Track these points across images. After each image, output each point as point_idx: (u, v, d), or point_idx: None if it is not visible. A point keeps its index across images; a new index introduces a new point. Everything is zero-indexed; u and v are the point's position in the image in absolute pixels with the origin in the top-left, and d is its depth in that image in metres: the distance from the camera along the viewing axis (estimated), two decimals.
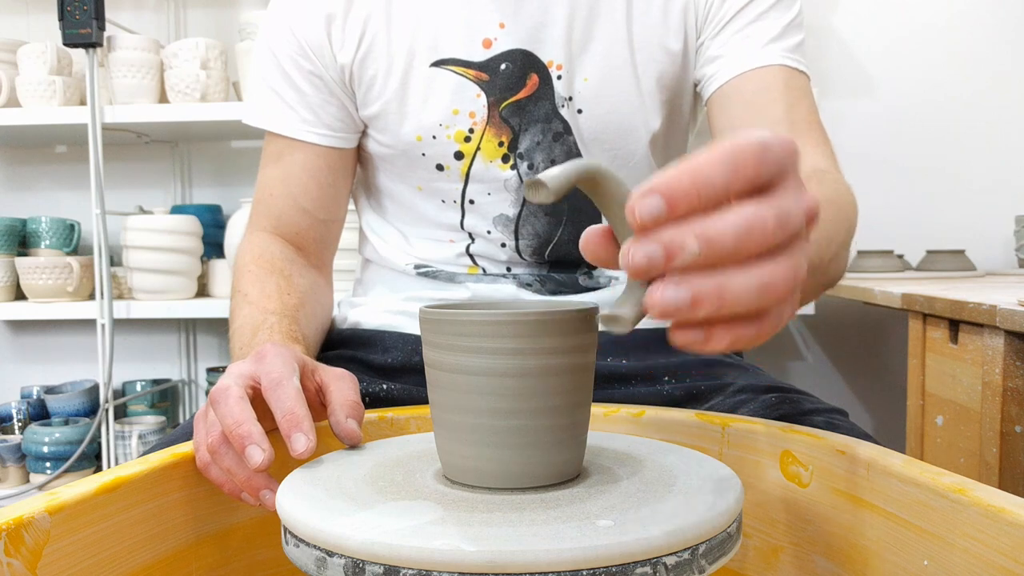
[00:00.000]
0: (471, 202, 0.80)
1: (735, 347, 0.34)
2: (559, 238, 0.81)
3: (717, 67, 0.76)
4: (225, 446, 0.49)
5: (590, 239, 0.37)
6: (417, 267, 0.84)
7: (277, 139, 0.82)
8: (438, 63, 0.77)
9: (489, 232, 0.81)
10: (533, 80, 0.77)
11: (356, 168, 0.88)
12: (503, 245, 0.81)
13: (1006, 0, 1.86)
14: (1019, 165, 1.87)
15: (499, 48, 0.76)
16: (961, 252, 1.71)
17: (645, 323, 0.83)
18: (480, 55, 0.77)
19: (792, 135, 0.73)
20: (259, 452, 0.46)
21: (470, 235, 0.82)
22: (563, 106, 0.77)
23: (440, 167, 0.79)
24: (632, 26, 0.77)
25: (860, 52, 1.89)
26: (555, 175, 0.34)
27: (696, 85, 0.81)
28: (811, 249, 0.36)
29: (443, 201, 0.81)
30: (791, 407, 0.66)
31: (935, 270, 1.70)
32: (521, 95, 0.77)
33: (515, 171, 0.79)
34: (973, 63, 1.87)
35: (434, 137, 0.78)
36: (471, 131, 0.78)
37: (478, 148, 0.78)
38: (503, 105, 0.77)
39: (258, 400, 0.51)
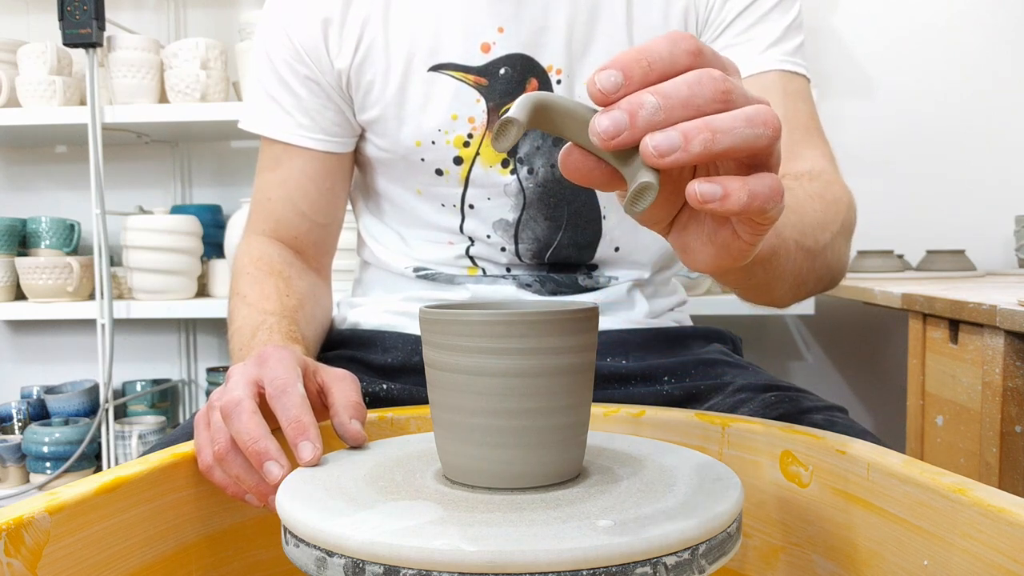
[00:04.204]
0: (471, 207, 0.80)
1: (755, 204, 0.35)
2: (559, 242, 0.80)
3: None
4: (233, 454, 0.49)
5: (566, 157, 0.37)
6: (416, 270, 0.84)
7: (274, 144, 0.82)
8: (436, 68, 0.77)
9: (489, 236, 0.81)
10: (533, 85, 0.76)
11: (353, 171, 0.88)
12: (503, 249, 0.81)
13: (1006, 1, 1.86)
14: (1019, 165, 1.87)
15: (498, 52, 0.76)
16: (961, 252, 1.71)
17: (645, 323, 0.84)
18: (479, 59, 0.76)
19: (790, 139, 0.73)
20: (277, 468, 0.47)
21: (470, 238, 0.82)
22: None
23: (439, 172, 0.79)
24: (633, 29, 0.76)
25: (860, 52, 1.89)
26: (515, 107, 0.35)
27: None
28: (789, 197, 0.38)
29: (442, 205, 0.81)
30: (790, 405, 0.66)
31: (935, 270, 1.70)
32: None
33: (515, 176, 0.78)
34: (973, 63, 1.87)
35: (433, 142, 0.78)
36: (470, 136, 0.77)
37: (477, 153, 0.78)
38: (503, 110, 0.77)
39: (262, 405, 0.51)
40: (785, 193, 0.37)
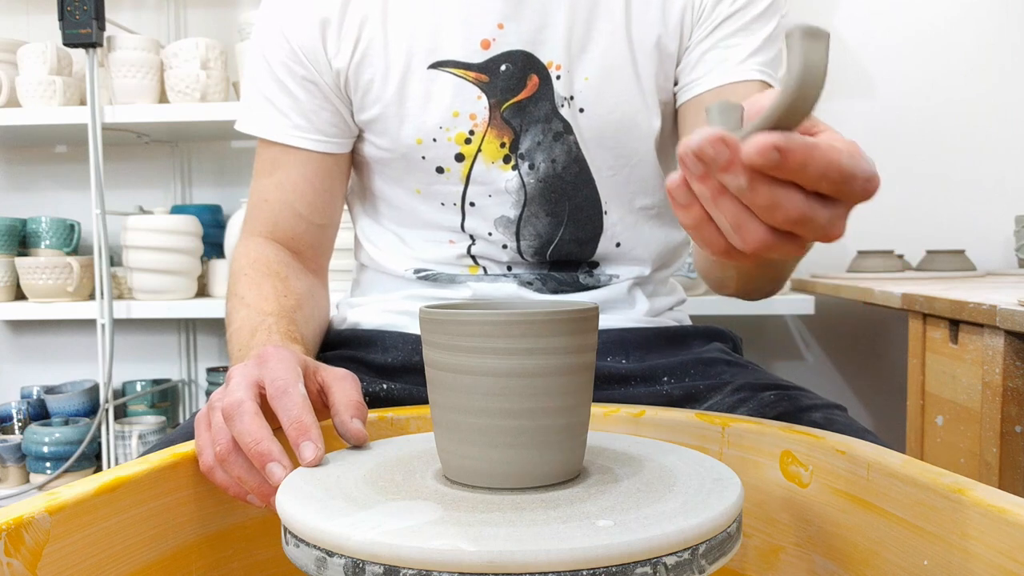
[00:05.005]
0: (472, 204, 0.80)
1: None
2: (560, 238, 0.80)
3: (697, 74, 0.77)
4: (235, 455, 0.49)
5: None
6: (417, 271, 0.84)
7: (271, 146, 0.82)
8: (436, 65, 0.77)
9: (490, 234, 0.81)
10: (533, 81, 0.77)
11: (351, 171, 0.87)
12: (504, 247, 0.81)
13: (1006, 1, 1.86)
14: (1019, 165, 1.87)
15: (498, 49, 0.76)
16: (961, 252, 1.71)
17: (645, 321, 0.84)
18: (479, 56, 0.76)
19: None
20: (280, 469, 0.47)
21: (471, 237, 0.82)
22: (563, 106, 0.77)
23: (440, 170, 0.79)
24: (631, 25, 0.77)
25: (860, 52, 1.89)
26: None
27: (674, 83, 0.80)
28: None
29: (443, 204, 0.81)
30: (789, 404, 0.66)
31: (935, 270, 1.70)
32: (522, 96, 0.77)
33: (516, 172, 0.79)
34: (973, 63, 1.87)
35: (434, 140, 0.78)
36: (472, 133, 0.77)
37: (479, 150, 0.78)
38: (504, 106, 0.77)
39: (263, 405, 0.51)
40: None
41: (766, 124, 0.35)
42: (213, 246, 1.86)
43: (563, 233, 0.80)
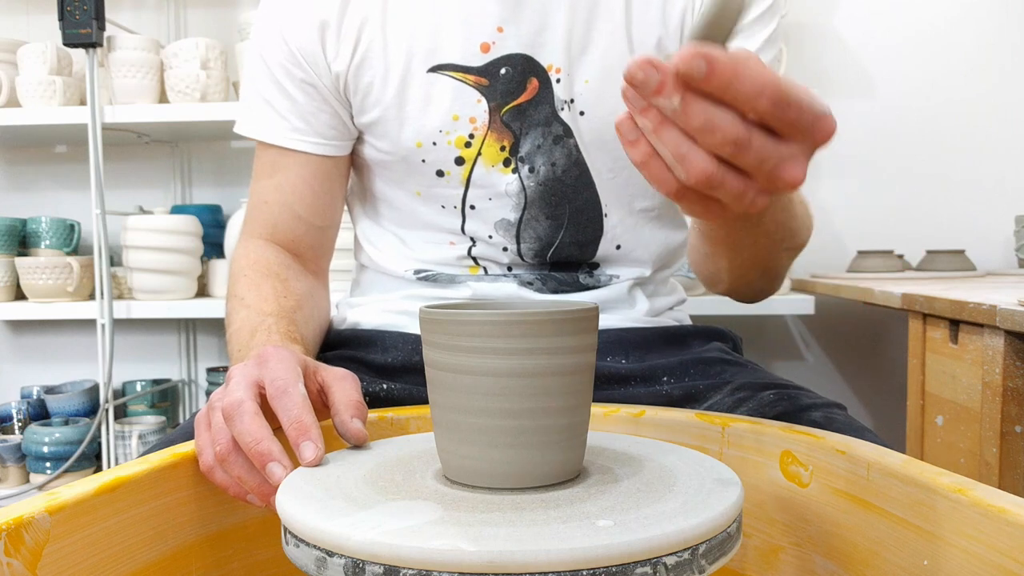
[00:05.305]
0: (472, 207, 0.80)
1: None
2: (560, 240, 0.80)
3: None
4: (235, 454, 0.49)
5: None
6: (417, 272, 0.84)
7: (270, 148, 0.81)
8: (436, 68, 0.76)
9: (491, 237, 0.81)
10: (533, 84, 0.76)
11: (350, 172, 0.87)
12: (505, 249, 0.81)
13: (1006, 1, 1.86)
14: (1019, 165, 1.87)
15: (498, 52, 0.76)
16: (961, 252, 1.71)
17: (645, 321, 0.84)
18: (478, 60, 0.76)
19: None
20: (280, 469, 0.47)
21: (471, 239, 0.82)
22: (563, 109, 0.77)
23: (440, 173, 0.79)
24: (632, 27, 0.76)
25: (860, 52, 1.89)
26: None
27: None
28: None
29: (443, 206, 0.81)
30: (789, 403, 0.66)
31: (935, 270, 1.70)
32: (522, 99, 0.76)
33: (516, 175, 0.78)
34: (973, 63, 1.87)
35: (434, 143, 0.77)
36: (471, 136, 0.77)
37: (479, 153, 0.78)
38: (504, 110, 0.77)
39: (263, 405, 0.51)
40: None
41: (693, 37, 0.37)
42: (213, 246, 1.86)
43: (563, 236, 0.80)
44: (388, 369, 0.78)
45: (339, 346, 0.83)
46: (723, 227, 0.63)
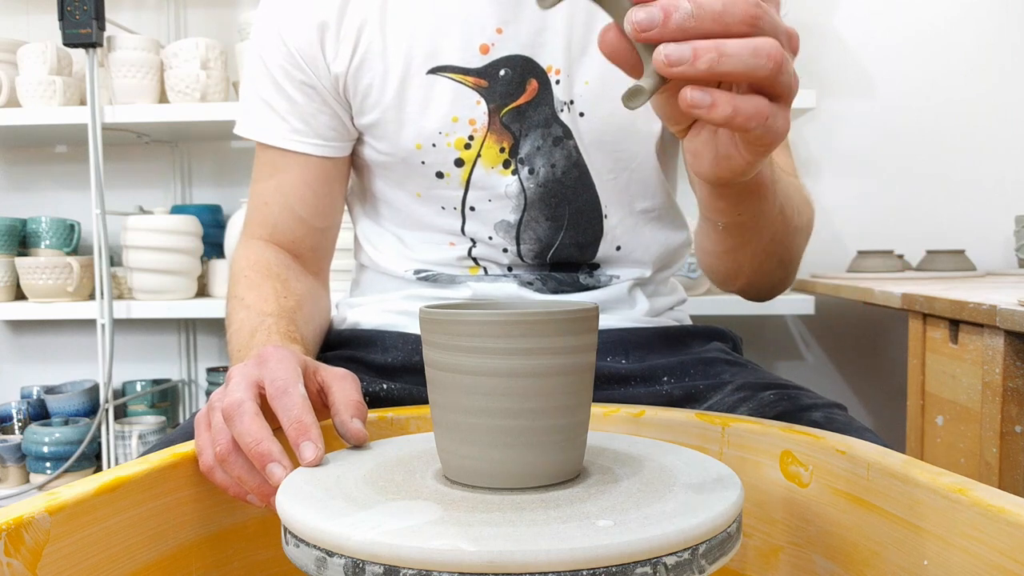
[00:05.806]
0: (472, 209, 0.80)
1: (738, 120, 0.39)
2: (560, 242, 0.80)
3: None
4: (235, 455, 0.49)
5: (605, 33, 0.41)
6: (417, 272, 0.84)
7: (269, 149, 0.81)
8: (435, 70, 0.76)
9: (491, 238, 0.81)
10: (533, 85, 0.76)
11: (350, 173, 0.87)
12: (505, 250, 0.81)
13: (1006, 1, 1.86)
14: (1019, 165, 1.87)
15: (497, 53, 0.76)
16: (961, 252, 1.71)
17: (645, 321, 0.84)
18: (478, 61, 0.76)
19: None
20: (280, 470, 0.47)
21: (471, 240, 0.81)
22: (562, 110, 0.77)
23: (440, 175, 0.79)
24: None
25: (860, 52, 1.89)
26: None
27: None
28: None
29: (443, 208, 0.81)
30: (789, 403, 0.66)
31: (935, 270, 1.70)
32: (521, 101, 0.76)
33: (516, 176, 0.78)
34: (973, 63, 1.87)
35: (434, 145, 0.77)
36: (471, 138, 0.77)
37: (478, 155, 0.78)
38: (504, 111, 0.76)
39: (263, 405, 0.51)
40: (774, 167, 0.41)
41: None
42: (213, 246, 1.86)
43: (563, 237, 0.80)
44: (388, 369, 0.78)
45: (339, 346, 0.83)
46: (742, 203, 0.60)
